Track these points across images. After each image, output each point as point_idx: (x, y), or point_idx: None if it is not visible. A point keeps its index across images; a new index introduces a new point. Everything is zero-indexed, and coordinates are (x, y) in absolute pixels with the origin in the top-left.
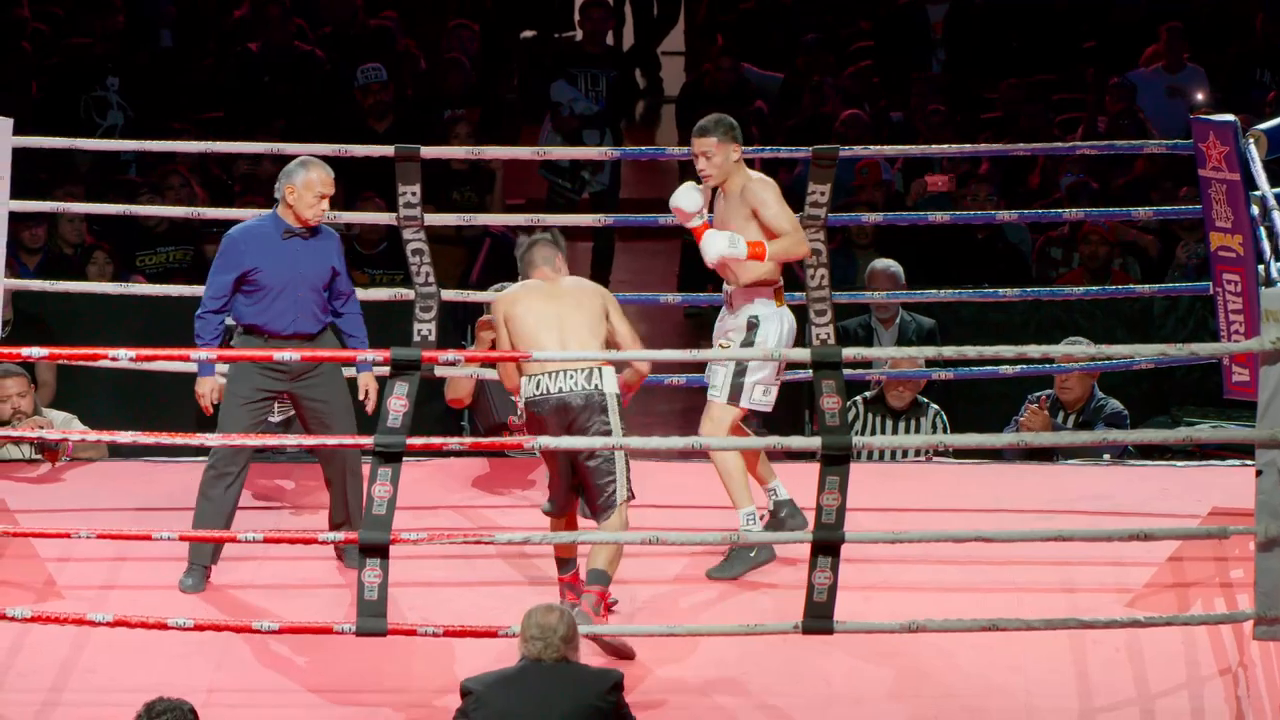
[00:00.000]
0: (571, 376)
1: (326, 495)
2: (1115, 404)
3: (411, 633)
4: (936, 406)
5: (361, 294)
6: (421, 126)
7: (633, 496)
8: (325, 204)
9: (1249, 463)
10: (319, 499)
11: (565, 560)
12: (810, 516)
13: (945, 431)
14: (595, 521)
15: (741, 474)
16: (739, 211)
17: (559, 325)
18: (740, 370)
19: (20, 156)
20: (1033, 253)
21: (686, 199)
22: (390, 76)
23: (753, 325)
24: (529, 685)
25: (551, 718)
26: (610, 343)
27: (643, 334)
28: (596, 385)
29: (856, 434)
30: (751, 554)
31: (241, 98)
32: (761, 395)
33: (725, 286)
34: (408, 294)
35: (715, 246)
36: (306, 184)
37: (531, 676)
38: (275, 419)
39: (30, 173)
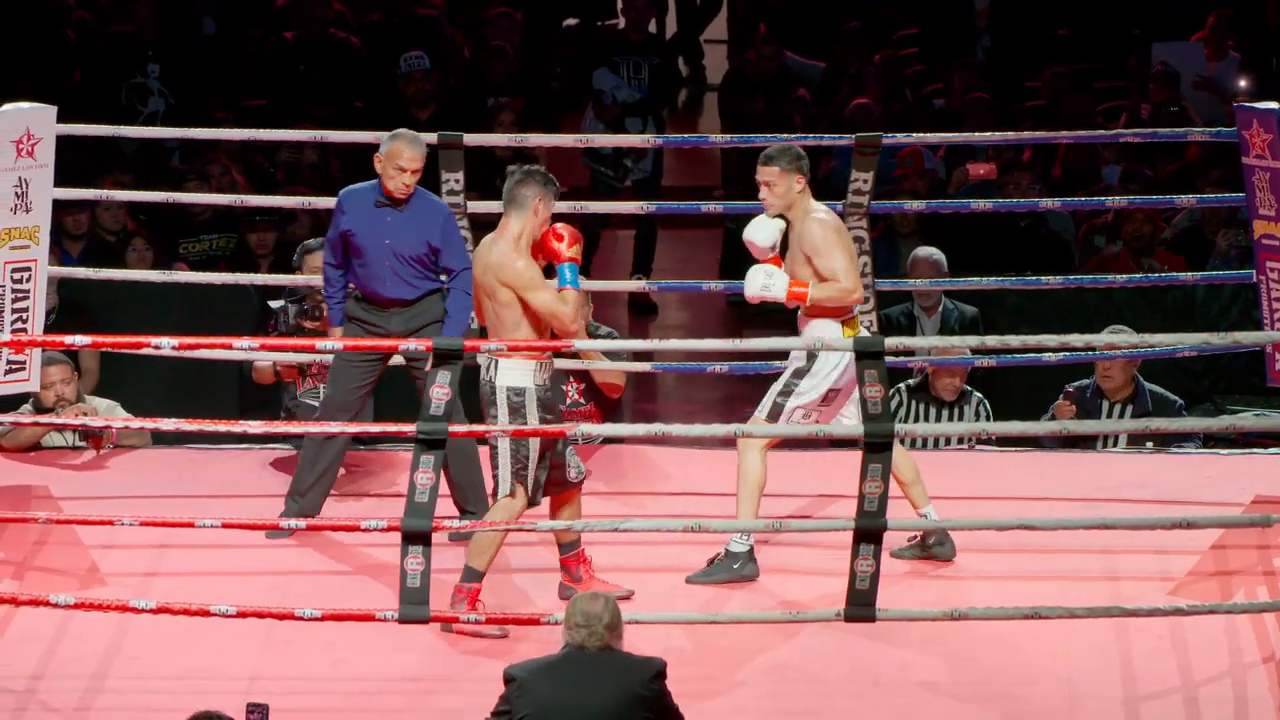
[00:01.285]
0: (485, 367)
1: (370, 482)
2: (1163, 392)
3: (454, 620)
4: (979, 395)
5: None
6: (465, 114)
7: (584, 476)
8: (407, 177)
9: None
10: (364, 485)
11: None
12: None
13: (988, 419)
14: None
15: (757, 488)
16: (797, 247)
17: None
18: (786, 390)
19: (63, 144)
20: (1076, 241)
21: (760, 232)
22: (433, 65)
23: (812, 355)
24: (572, 673)
25: (594, 705)
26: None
27: (684, 322)
28: (490, 378)
29: (899, 422)
30: (735, 565)
31: (281, 86)
32: (801, 418)
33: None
34: None
35: (750, 286)
36: (389, 154)
37: (575, 664)
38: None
39: (73, 160)
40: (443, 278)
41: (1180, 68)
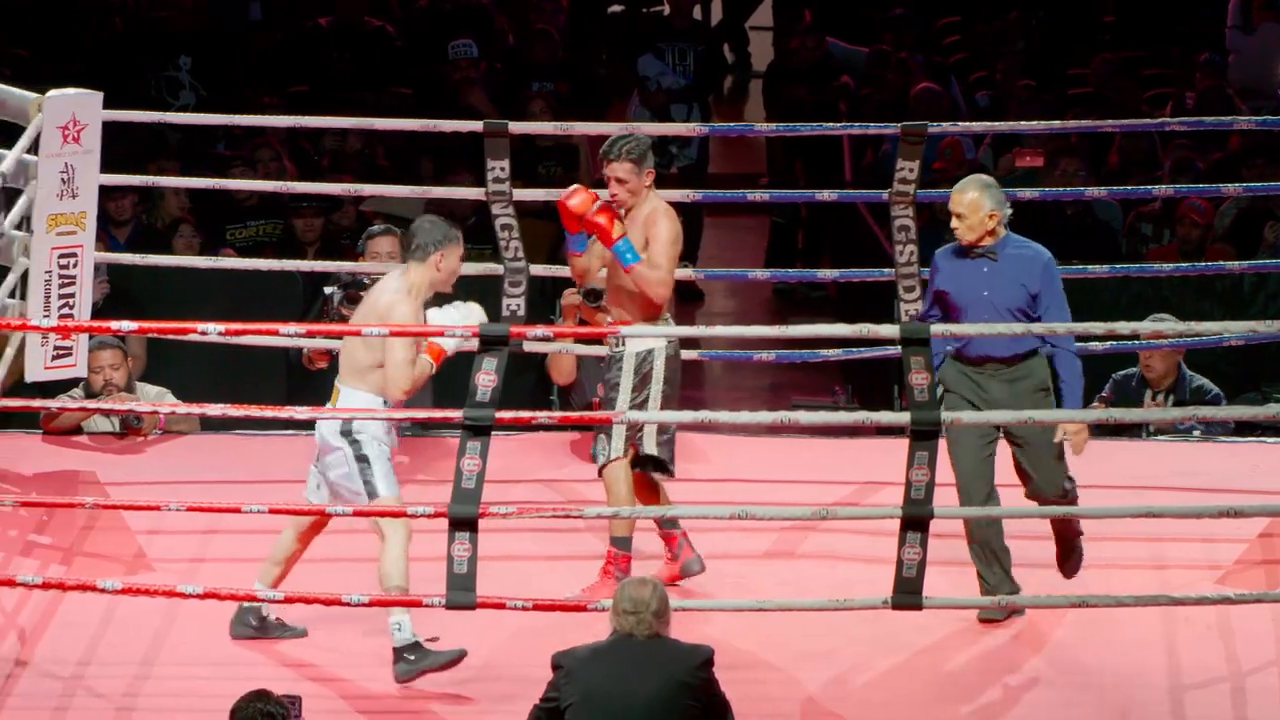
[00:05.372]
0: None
1: (419, 468)
2: (1206, 383)
3: (501, 606)
4: None
5: None
6: (510, 101)
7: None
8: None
9: None
10: (411, 473)
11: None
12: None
13: None
14: None
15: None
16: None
17: None
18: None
19: (108, 130)
20: (1123, 228)
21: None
22: (481, 52)
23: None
24: (619, 660)
25: (642, 693)
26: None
27: (730, 309)
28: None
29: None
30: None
31: (316, 73)
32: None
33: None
34: (497, 269)
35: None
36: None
37: (622, 651)
38: None
39: (116, 147)
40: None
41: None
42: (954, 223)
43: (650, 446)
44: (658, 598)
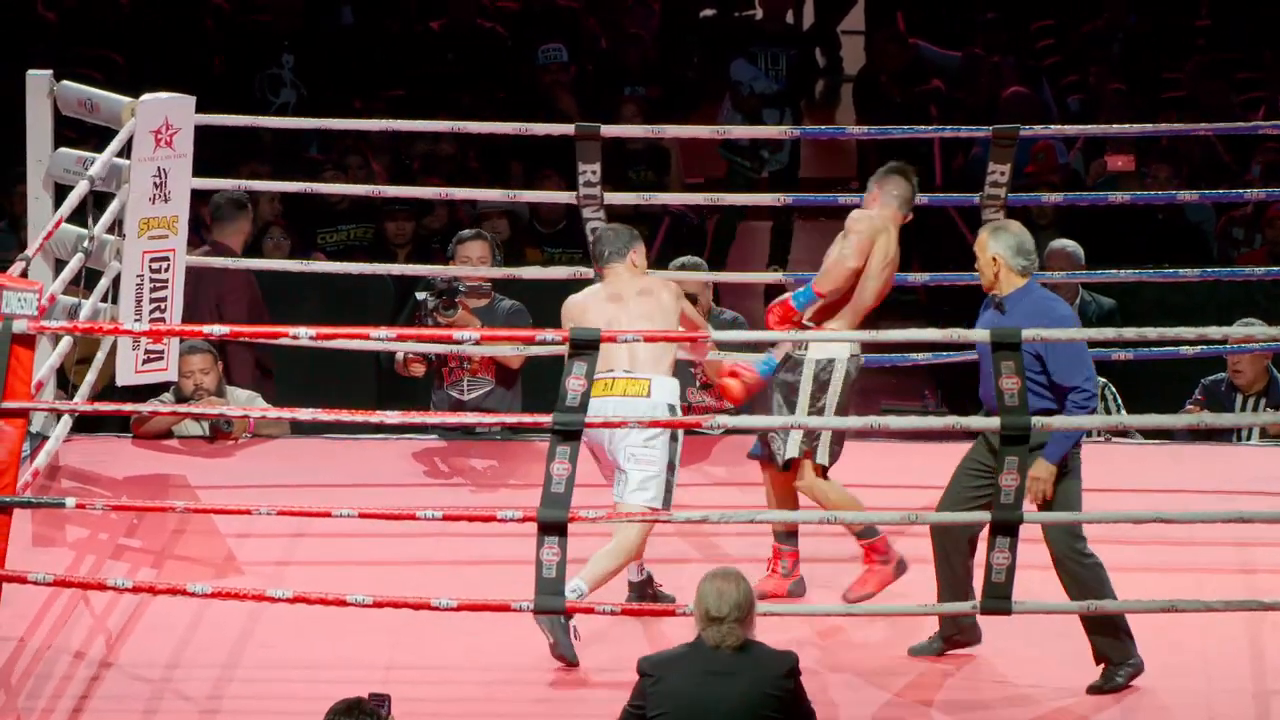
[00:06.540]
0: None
1: (509, 473)
2: None
3: (590, 610)
4: (1104, 379)
5: (541, 272)
6: (601, 105)
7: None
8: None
9: None
10: (501, 477)
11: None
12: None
13: (1118, 408)
14: None
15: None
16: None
17: None
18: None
19: (201, 133)
20: (1215, 232)
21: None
22: (571, 56)
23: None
24: (706, 669)
25: (725, 705)
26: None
27: None
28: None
29: None
30: None
31: (423, 76)
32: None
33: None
34: (587, 273)
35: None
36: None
37: (708, 659)
38: (465, 396)
39: (210, 149)
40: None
41: None
42: None
43: (823, 456)
44: (742, 592)
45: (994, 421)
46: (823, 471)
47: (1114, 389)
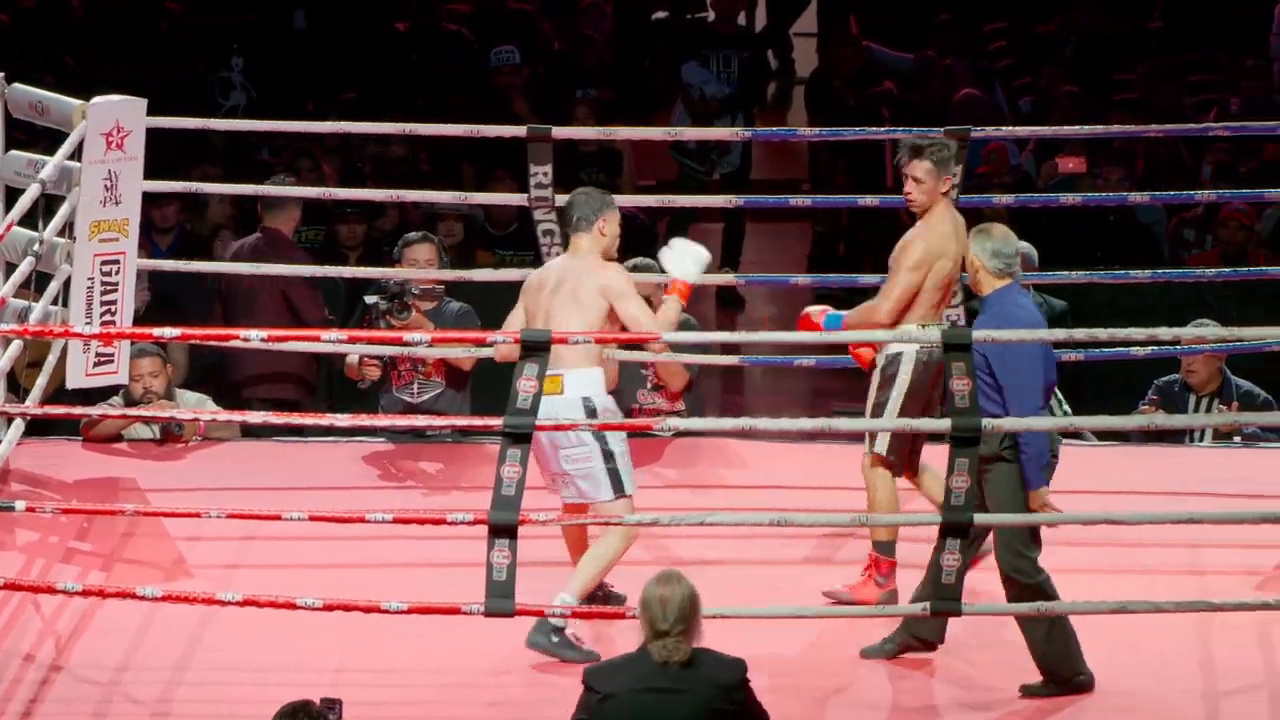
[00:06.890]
0: None
1: (460, 475)
2: (1254, 387)
3: (539, 613)
4: None
5: (492, 274)
6: (555, 107)
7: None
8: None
9: None
10: (452, 480)
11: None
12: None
13: (1064, 411)
14: None
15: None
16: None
17: None
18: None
19: (152, 135)
20: (1166, 233)
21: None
22: (524, 58)
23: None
24: (652, 683)
25: (675, 715)
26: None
27: (772, 315)
28: None
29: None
30: None
31: (377, 79)
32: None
33: None
34: None
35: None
36: None
37: (655, 673)
38: (416, 399)
39: (158, 153)
40: None
41: None
42: None
43: (882, 447)
44: (686, 600)
45: (944, 423)
46: (883, 461)
47: (1060, 395)
